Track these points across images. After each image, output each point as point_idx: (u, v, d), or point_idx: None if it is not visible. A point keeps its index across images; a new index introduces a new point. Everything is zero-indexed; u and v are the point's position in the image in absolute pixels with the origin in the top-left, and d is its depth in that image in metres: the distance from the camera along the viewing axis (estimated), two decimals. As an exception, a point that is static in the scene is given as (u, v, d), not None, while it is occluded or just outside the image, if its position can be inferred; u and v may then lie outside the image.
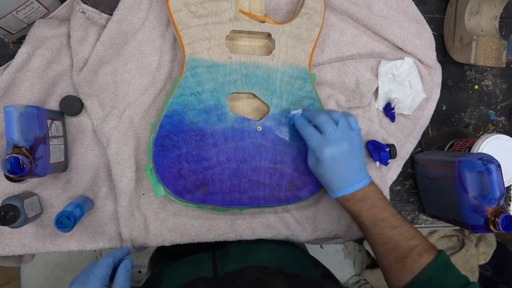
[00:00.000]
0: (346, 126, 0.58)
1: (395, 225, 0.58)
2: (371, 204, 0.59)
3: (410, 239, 0.57)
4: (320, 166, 0.58)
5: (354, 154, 0.58)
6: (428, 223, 0.81)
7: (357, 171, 0.59)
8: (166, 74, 0.65)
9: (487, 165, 0.62)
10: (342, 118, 0.58)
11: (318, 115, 0.59)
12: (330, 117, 0.58)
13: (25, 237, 0.62)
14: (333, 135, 0.57)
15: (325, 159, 0.57)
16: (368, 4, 0.73)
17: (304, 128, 0.59)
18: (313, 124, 0.59)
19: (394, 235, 0.57)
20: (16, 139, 0.51)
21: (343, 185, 0.58)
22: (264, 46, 0.67)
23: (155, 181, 0.62)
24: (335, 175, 0.58)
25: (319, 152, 0.57)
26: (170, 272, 0.67)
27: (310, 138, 0.58)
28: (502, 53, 0.71)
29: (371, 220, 0.58)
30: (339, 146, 0.57)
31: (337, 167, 0.57)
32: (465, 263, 1.33)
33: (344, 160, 0.57)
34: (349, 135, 0.58)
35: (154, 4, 0.64)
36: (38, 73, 0.61)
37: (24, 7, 0.57)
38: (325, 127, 0.57)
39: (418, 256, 0.56)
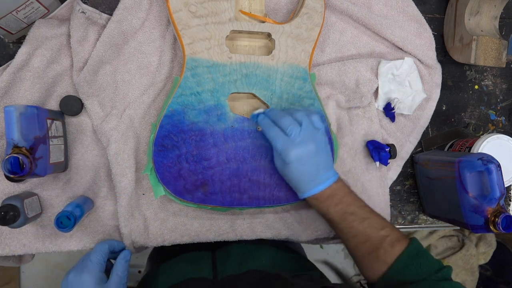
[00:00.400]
0: (310, 126, 0.57)
1: (364, 217, 0.58)
2: (338, 199, 0.59)
3: (380, 229, 0.57)
4: (287, 168, 0.58)
5: (320, 153, 0.58)
6: (428, 223, 0.81)
7: (324, 170, 0.59)
8: (166, 74, 0.65)
9: (487, 165, 0.62)
10: (305, 118, 0.57)
11: (281, 117, 0.58)
12: (294, 118, 0.57)
13: (25, 237, 0.62)
14: (298, 136, 0.56)
15: (291, 161, 0.56)
16: (368, 4, 0.73)
17: (268, 129, 0.58)
18: (277, 125, 0.58)
19: (364, 227, 0.58)
20: (16, 139, 0.51)
21: (311, 185, 0.58)
22: (264, 46, 0.67)
23: (155, 181, 0.62)
24: (302, 176, 0.58)
25: (285, 154, 0.56)
26: (167, 270, 0.67)
27: (275, 140, 0.57)
28: (502, 53, 0.71)
29: (340, 215, 0.58)
30: (304, 147, 0.56)
31: (304, 168, 0.57)
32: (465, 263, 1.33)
33: (310, 160, 0.57)
34: (313, 135, 0.57)
35: (154, 4, 0.64)
36: (38, 73, 0.61)
37: (24, 7, 0.57)
38: (290, 129, 0.56)
39: (390, 246, 0.56)
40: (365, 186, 0.72)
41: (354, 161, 0.72)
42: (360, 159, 0.72)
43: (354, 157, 0.72)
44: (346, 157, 0.71)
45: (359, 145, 0.72)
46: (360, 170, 0.72)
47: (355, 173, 0.72)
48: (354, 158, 0.72)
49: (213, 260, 0.67)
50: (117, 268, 0.57)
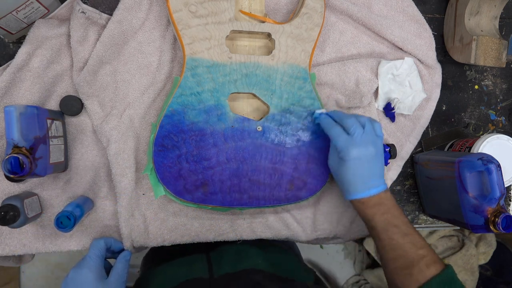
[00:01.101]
0: (372, 131, 0.59)
1: (406, 232, 0.58)
2: (385, 209, 0.59)
3: (419, 248, 0.58)
4: (343, 166, 0.59)
5: (377, 159, 0.59)
6: (428, 223, 0.81)
7: (377, 176, 0.60)
8: (166, 74, 0.65)
9: (487, 165, 0.62)
10: (368, 122, 0.59)
11: (346, 117, 0.60)
12: (358, 120, 0.59)
13: (25, 237, 0.62)
14: (360, 137, 0.58)
15: (350, 159, 0.57)
16: (368, 4, 0.73)
17: (331, 128, 0.60)
18: (339, 125, 0.60)
19: (404, 243, 0.58)
20: (16, 139, 0.51)
21: (362, 187, 0.59)
22: (264, 46, 0.67)
23: (155, 181, 0.62)
24: (355, 177, 0.59)
25: (345, 152, 0.58)
26: (161, 272, 0.67)
27: (337, 137, 0.59)
28: (502, 53, 0.71)
29: (384, 225, 0.59)
30: (365, 148, 0.58)
31: (360, 169, 0.58)
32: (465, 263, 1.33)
33: (367, 163, 0.58)
34: (374, 140, 0.59)
35: (154, 4, 0.64)
36: (38, 73, 0.61)
37: (24, 7, 0.57)
38: (353, 129, 0.58)
39: (426, 266, 0.56)
40: (365, 186, 0.72)
41: (354, 161, 0.72)
42: (360, 159, 0.72)
43: (354, 157, 0.72)
44: (346, 157, 0.71)
45: (359, 145, 0.73)
46: (360, 170, 0.72)
47: (355, 173, 0.72)
48: (354, 158, 0.72)
49: (208, 260, 0.67)
50: (117, 267, 0.57)
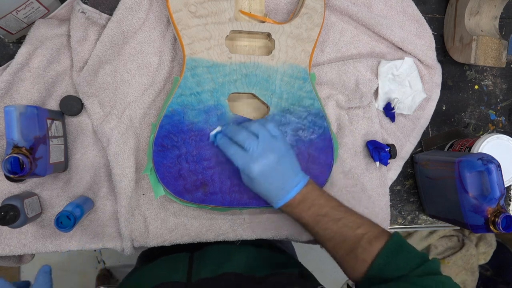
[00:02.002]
0: (267, 136, 0.56)
1: (338, 217, 0.57)
2: (310, 203, 0.58)
3: (357, 228, 0.56)
4: (253, 183, 0.57)
5: (282, 162, 0.57)
6: (428, 223, 0.81)
7: (291, 177, 0.57)
8: (166, 74, 0.65)
9: (487, 165, 0.62)
10: (261, 129, 0.57)
11: (237, 132, 0.57)
12: (250, 132, 0.56)
13: (25, 237, 0.62)
14: (256, 150, 0.55)
15: (255, 176, 0.55)
16: (368, 4, 0.73)
17: (227, 149, 0.57)
18: (235, 142, 0.57)
19: (339, 228, 0.56)
20: (16, 139, 0.51)
21: (280, 194, 0.57)
22: (264, 46, 0.67)
23: (155, 181, 0.62)
24: (271, 188, 0.57)
25: (248, 170, 0.55)
26: (142, 274, 0.67)
27: (235, 158, 0.56)
28: (502, 53, 0.71)
29: (313, 218, 0.57)
30: (265, 159, 0.55)
31: (270, 180, 0.56)
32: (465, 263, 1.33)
33: (274, 171, 0.56)
34: (272, 144, 0.56)
35: (154, 4, 0.64)
36: (38, 73, 0.61)
37: (24, 7, 0.57)
38: (247, 144, 0.55)
39: (368, 244, 0.55)
40: (365, 186, 0.72)
41: (354, 161, 0.72)
42: (360, 159, 0.72)
43: (354, 157, 0.72)
44: (346, 157, 0.71)
45: (359, 145, 0.72)
46: (360, 170, 0.72)
47: (355, 173, 0.72)
48: (354, 158, 0.72)
49: (190, 262, 0.66)
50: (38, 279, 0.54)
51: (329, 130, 0.66)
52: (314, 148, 0.66)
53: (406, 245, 0.56)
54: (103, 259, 1.69)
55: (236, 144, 0.57)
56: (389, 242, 0.55)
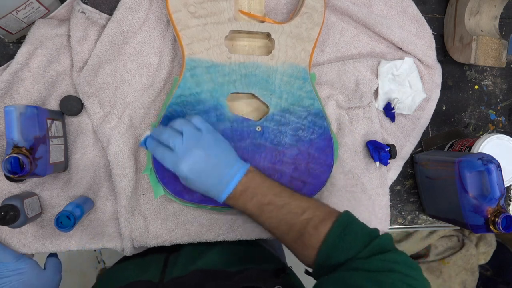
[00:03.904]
0: (193, 131, 0.54)
1: (281, 204, 0.55)
2: (252, 192, 0.55)
3: (301, 213, 0.54)
4: (188, 182, 0.55)
5: (213, 155, 0.54)
6: (428, 223, 0.81)
7: (226, 169, 0.55)
8: (166, 74, 0.65)
9: (487, 165, 0.62)
10: (184, 125, 0.54)
11: (161, 133, 0.54)
12: (173, 130, 0.54)
13: (25, 237, 0.62)
14: (181, 148, 0.52)
15: (186, 175, 0.53)
16: (368, 4, 0.73)
17: (156, 151, 0.55)
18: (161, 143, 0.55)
19: (284, 215, 0.54)
20: (16, 139, 0.51)
21: (220, 188, 0.55)
22: (264, 46, 0.67)
23: (155, 181, 0.62)
24: (206, 184, 0.54)
25: (178, 170, 0.53)
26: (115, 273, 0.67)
27: (163, 160, 0.54)
28: (502, 53, 0.71)
29: (257, 208, 0.55)
30: (192, 156, 0.53)
31: (203, 176, 0.54)
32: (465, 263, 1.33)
33: (206, 167, 0.53)
34: (198, 140, 0.54)
35: (154, 4, 0.65)
36: (38, 73, 0.61)
37: (24, 7, 0.57)
38: (171, 142, 0.53)
39: (314, 229, 0.52)
40: (365, 186, 0.72)
41: (354, 161, 0.72)
42: (360, 159, 0.72)
43: (354, 157, 0.72)
44: (346, 157, 0.71)
45: (359, 145, 0.72)
46: (360, 170, 0.72)
47: (355, 173, 0.72)
48: (354, 158, 0.72)
49: (165, 262, 0.64)
50: None
51: (329, 130, 0.66)
52: (314, 148, 0.66)
53: (353, 224, 0.53)
54: (103, 259, 1.69)
55: (163, 145, 0.54)
56: (335, 225, 0.52)
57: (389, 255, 0.48)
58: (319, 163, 0.66)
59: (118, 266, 0.70)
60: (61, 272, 0.64)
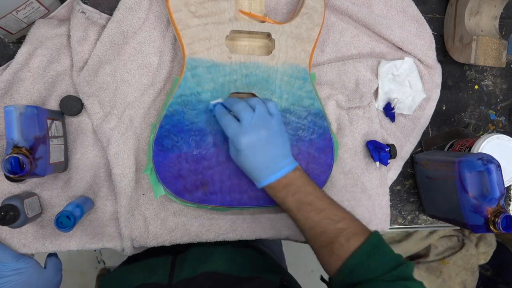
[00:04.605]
0: (264, 112, 0.56)
1: (321, 208, 0.56)
2: (296, 189, 0.56)
3: (337, 222, 0.55)
4: (240, 155, 0.56)
5: (274, 141, 0.56)
6: (428, 223, 0.81)
7: (279, 158, 0.56)
8: (166, 74, 0.65)
9: (487, 165, 0.62)
10: (259, 104, 0.56)
11: (235, 102, 0.56)
12: (248, 104, 0.56)
13: (25, 237, 0.62)
14: (249, 122, 0.54)
15: (242, 148, 0.54)
16: (368, 4, 0.73)
17: (222, 118, 0.56)
18: (232, 113, 0.56)
19: (321, 219, 0.55)
20: (16, 139, 0.51)
21: (266, 173, 0.56)
22: (264, 46, 0.67)
23: (155, 181, 0.62)
24: (256, 164, 0.56)
25: (237, 141, 0.54)
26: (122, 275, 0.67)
27: (227, 127, 0.55)
28: (502, 53, 0.71)
29: (296, 205, 0.56)
30: (256, 133, 0.54)
31: (257, 155, 0.55)
32: (465, 263, 1.33)
33: (263, 148, 0.55)
34: (267, 121, 0.56)
35: (154, 4, 0.64)
36: (38, 73, 0.61)
37: (24, 7, 0.57)
38: (242, 114, 0.54)
39: (346, 240, 0.53)
40: (365, 186, 0.72)
41: (354, 161, 0.72)
42: (360, 159, 0.72)
43: (354, 157, 0.72)
44: (346, 157, 0.71)
45: (359, 145, 0.72)
46: (360, 170, 0.72)
47: (355, 173, 0.72)
48: (354, 158, 0.72)
49: (172, 264, 0.65)
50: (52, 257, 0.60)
51: (329, 130, 0.66)
52: (314, 148, 0.66)
53: (382, 246, 0.54)
54: (103, 259, 1.69)
55: (232, 115, 0.56)
56: (367, 242, 0.53)
57: (411, 283, 0.50)
58: (319, 163, 0.66)
59: (122, 269, 0.70)
60: (61, 271, 0.64)
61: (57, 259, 0.65)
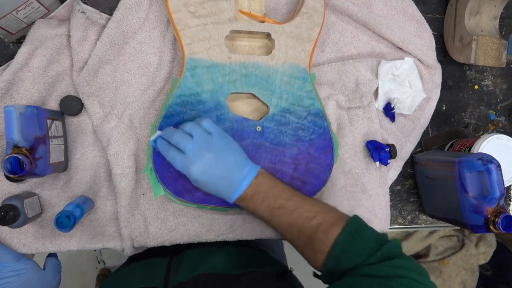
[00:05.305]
0: (202, 134, 0.55)
1: (292, 209, 0.55)
2: (263, 195, 0.56)
3: (312, 218, 0.54)
4: (199, 184, 0.56)
5: (223, 158, 0.55)
6: (428, 223, 0.81)
7: (236, 172, 0.56)
8: (166, 74, 0.65)
9: (487, 165, 0.62)
10: (194, 127, 0.55)
11: (173, 134, 0.55)
12: (184, 132, 0.55)
13: (25, 237, 0.62)
14: (192, 151, 0.54)
15: (197, 178, 0.54)
16: (368, 4, 0.73)
17: (166, 152, 0.56)
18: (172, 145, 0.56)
19: (295, 219, 0.55)
20: (16, 139, 0.51)
21: (230, 190, 0.56)
22: (264, 46, 0.67)
23: (155, 181, 0.62)
24: (216, 187, 0.56)
25: (188, 173, 0.54)
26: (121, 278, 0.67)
27: (174, 162, 0.55)
28: (502, 53, 0.71)
29: (268, 211, 0.56)
30: (202, 159, 0.54)
31: (214, 179, 0.55)
32: (465, 263, 1.33)
33: (216, 169, 0.54)
34: (208, 142, 0.55)
35: (154, 4, 0.65)
36: (38, 73, 0.61)
37: (24, 7, 0.57)
38: (182, 145, 0.54)
39: (324, 234, 0.53)
40: (365, 186, 0.72)
41: (354, 161, 0.72)
42: (360, 159, 0.72)
43: (354, 157, 0.72)
44: (346, 157, 0.71)
45: (359, 145, 0.72)
46: (360, 170, 0.72)
47: (355, 173, 0.72)
48: (354, 158, 0.72)
49: (168, 268, 0.65)
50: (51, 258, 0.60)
51: (329, 130, 0.66)
52: (314, 148, 0.66)
53: (362, 229, 0.53)
54: (103, 259, 1.69)
55: (175, 147, 0.55)
56: (344, 230, 0.52)
57: (398, 261, 0.48)
58: (319, 163, 0.66)
59: (122, 270, 0.70)
60: (60, 272, 0.64)
61: (57, 260, 0.65)
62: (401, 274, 0.47)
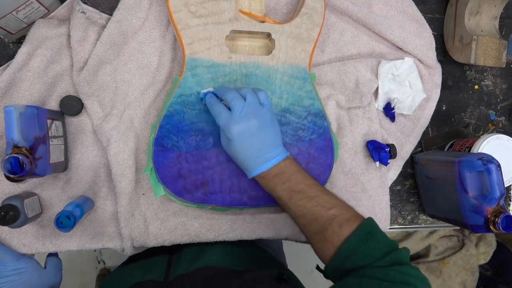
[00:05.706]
0: (255, 102, 0.56)
1: (312, 195, 0.56)
2: (286, 177, 0.56)
3: (329, 208, 0.54)
4: (231, 145, 0.56)
5: (265, 130, 0.56)
6: (428, 223, 0.81)
7: (270, 148, 0.56)
8: (166, 74, 0.65)
9: (487, 165, 0.62)
10: (250, 93, 0.56)
11: (226, 91, 0.56)
12: (239, 93, 0.56)
13: (25, 237, 0.62)
14: (240, 111, 0.54)
15: (233, 137, 0.55)
16: (368, 4, 0.73)
17: (213, 106, 0.57)
18: (223, 102, 0.57)
19: (312, 206, 0.55)
20: (16, 139, 0.51)
21: (257, 162, 0.56)
22: (264, 46, 0.67)
23: (155, 181, 0.62)
24: (247, 153, 0.56)
25: (228, 130, 0.55)
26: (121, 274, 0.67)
27: (218, 116, 0.56)
28: (502, 53, 0.71)
29: (288, 193, 0.56)
30: (247, 123, 0.54)
31: (248, 145, 0.55)
32: (465, 263, 1.33)
33: (253, 137, 0.55)
34: (258, 111, 0.56)
35: (154, 4, 0.64)
36: (38, 73, 0.61)
37: (24, 7, 0.57)
38: (233, 103, 0.54)
39: (338, 227, 0.53)
40: (365, 186, 0.72)
41: (354, 161, 0.72)
42: (360, 159, 0.72)
43: (354, 157, 0.72)
44: (346, 157, 0.71)
45: (359, 145, 0.73)
46: (360, 170, 0.72)
47: (355, 173, 0.72)
48: (354, 158, 0.72)
49: (169, 262, 0.65)
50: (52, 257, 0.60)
51: (329, 130, 0.66)
52: (314, 148, 0.66)
53: (376, 232, 0.53)
54: (103, 259, 1.69)
55: (223, 104, 0.56)
56: (360, 228, 0.52)
57: (406, 268, 0.49)
58: (319, 163, 0.66)
59: (121, 269, 0.70)
60: (61, 271, 0.64)
61: (57, 259, 0.65)
62: (408, 281, 0.47)
